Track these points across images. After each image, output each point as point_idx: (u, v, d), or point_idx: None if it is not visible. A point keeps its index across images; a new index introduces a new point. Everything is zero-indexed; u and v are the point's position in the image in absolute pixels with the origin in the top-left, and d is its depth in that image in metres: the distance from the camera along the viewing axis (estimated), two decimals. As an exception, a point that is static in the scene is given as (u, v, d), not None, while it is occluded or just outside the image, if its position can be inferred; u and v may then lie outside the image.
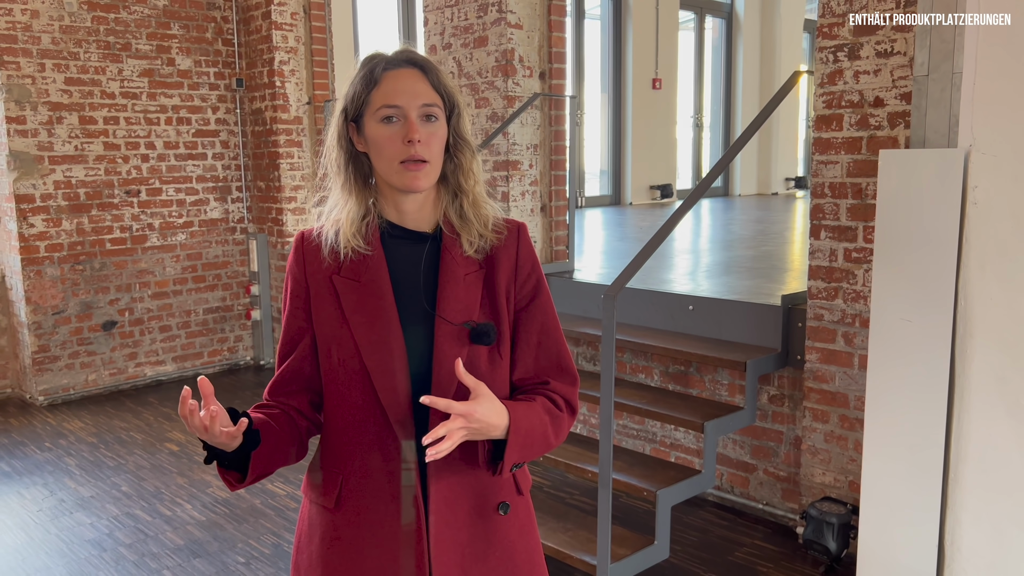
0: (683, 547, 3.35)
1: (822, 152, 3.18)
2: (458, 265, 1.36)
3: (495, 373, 1.36)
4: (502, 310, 1.37)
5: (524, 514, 1.44)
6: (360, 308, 1.33)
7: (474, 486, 1.36)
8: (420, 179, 1.30)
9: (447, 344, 1.32)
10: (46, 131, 5.32)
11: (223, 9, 6.04)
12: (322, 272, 1.36)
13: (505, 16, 4.25)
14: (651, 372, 3.96)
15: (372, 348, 1.31)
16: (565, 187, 4.61)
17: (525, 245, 1.41)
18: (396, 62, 1.32)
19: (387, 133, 1.29)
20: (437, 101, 1.31)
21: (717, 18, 11.20)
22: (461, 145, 1.36)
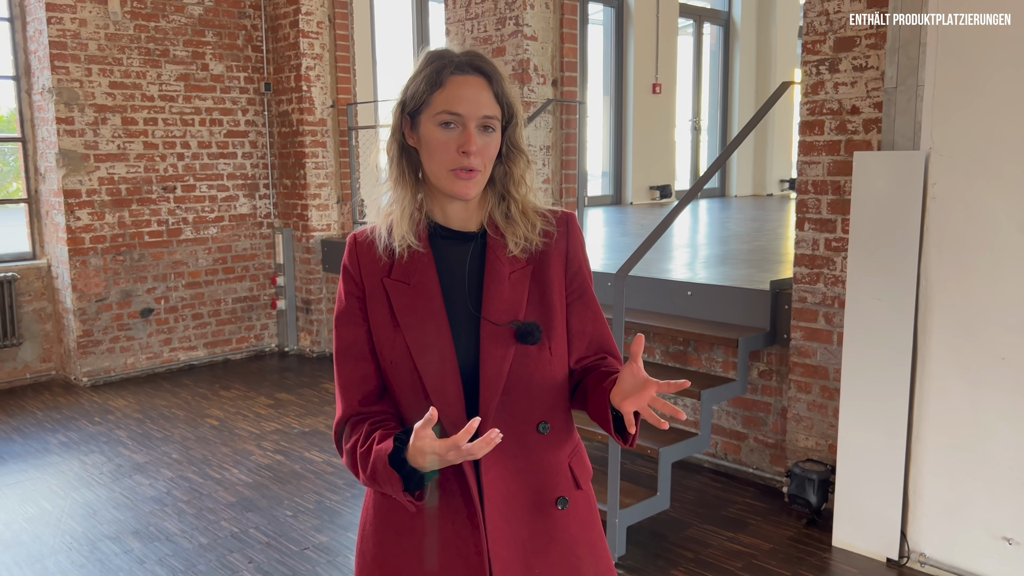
0: (682, 504, 3.78)
1: (806, 154, 3.61)
2: (503, 264, 1.36)
3: (546, 368, 1.37)
4: (554, 304, 1.38)
5: (584, 507, 1.44)
6: (410, 311, 1.35)
7: (530, 481, 1.37)
8: (470, 188, 1.31)
9: (492, 345, 1.33)
10: (92, 131, 5.74)
11: (253, 18, 6.46)
12: (375, 275, 1.38)
13: (522, 29, 4.67)
14: (653, 352, 4.38)
15: (422, 351, 1.33)
16: (574, 186, 5.04)
17: (575, 237, 1.42)
18: (464, 67, 1.31)
19: (443, 138, 1.29)
20: (497, 113, 1.32)
21: (715, 25, 11.63)
22: (514, 155, 1.37)
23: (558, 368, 1.39)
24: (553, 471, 1.39)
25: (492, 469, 1.34)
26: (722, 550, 3.34)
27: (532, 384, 1.36)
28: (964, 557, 3.06)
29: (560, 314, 1.39)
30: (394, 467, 1.25)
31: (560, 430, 1.41)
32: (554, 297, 1.38)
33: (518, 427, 1.35)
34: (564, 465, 1.41)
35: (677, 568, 3.20)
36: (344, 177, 6.61)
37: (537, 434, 1.37)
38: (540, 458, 1.38)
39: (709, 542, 3.41)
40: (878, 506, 3.24)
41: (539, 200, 1.42)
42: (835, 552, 3.32)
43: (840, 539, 3.35)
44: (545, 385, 1.37)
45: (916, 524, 3.18)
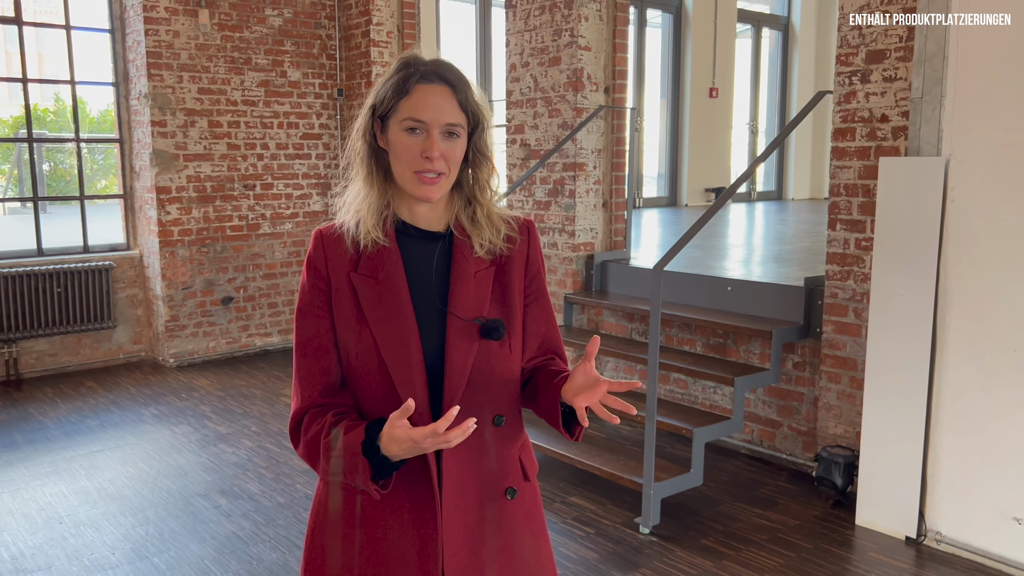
0: (717, 484, 4.06)
1: (838, 159, 3.85)
2: (469, 263, 1.42)
3: (505, 364, 1.44)
4: (514, 304, 1.45)
5: (530, 499, 1.51)
6: (377, 304, 1.38)
7: (483, 472, 1.43)
8: (433, 191, 1.36)
9: (458, 339, 1.38)
10: (182, 133, 6.27)
11: (328, 28, 6.93)
12: (341, 269, 1.41)
13: (576, 40, 4.99)
14: (694, 343, 4.66)
15: (389, 343, 1.37)
16: (624, 187, 5.34)
17: (535, 244, 1.51)
18: (429, 76, 1.35)
19: (407, 142, 1.34)
20: (461, 120, 1.36)
21: (774, 30, 11.75)
22: (480, 160, 1.43)
23: (515, 364, 1.46)
24: (505, 463, 1.45)
25: (451, 458, 1.39)
26: (750, 525, 3.62)
27: (492, 378, 1.41)
28: (977, 536, 3.27)
29: (519, 314, 1.46)
30: (366, 455, 1.30)
31: (513, 424, 1.47)
32: (515, 298, 1.45)
33: (476, 418, 1.36)
34: (515, 457, 1.48)
35: (707, 538, 3.49)
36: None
37: (493, 427, 1.43)
38: (494, 450, 1.43)
39: (739, 517, 3.69)
40: (898, 488, 3.47)
41: (501, 207, 1.49)
42: (858, 530, 3.56)
43: (863, 518, 3.59)
44: (503, 380, 1.43)
45: (933, 505, 3.40)
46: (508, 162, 5.61)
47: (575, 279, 5.24)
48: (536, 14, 5.20)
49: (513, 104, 5.48)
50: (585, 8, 4.99)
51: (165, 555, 3.36)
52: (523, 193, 5.46)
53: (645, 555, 3.35)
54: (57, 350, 6.16)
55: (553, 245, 5.30)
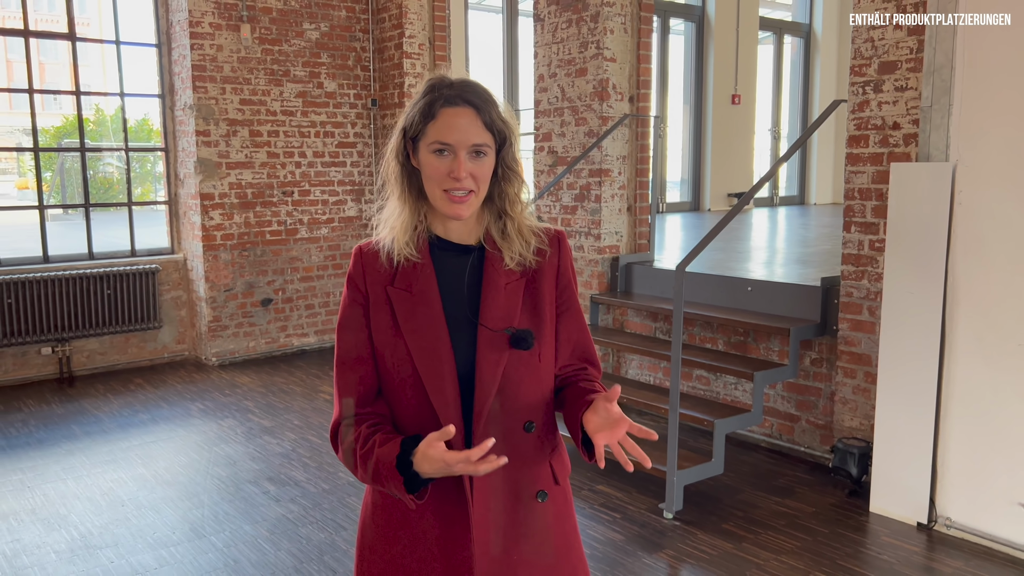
0: (738, 475, 4.26)
1: (853, 164, 4.05)
2: (499, 275, 1.47)
3: (535, 372, 1.48)
4: (544, 315, 1.50)
5: (561, 502, 1.55)
6: (411, 317, 1.45)
7: (513, 475, 1.47)
8: (462, 209, 1.42)
9: (488, 349, 1.43)
10: (224, 142, 6.57)
11: (362, 41, 7.22)
12: (378, 283, 1.48)
13: (602, 52, 5.23)
14: (716, 341, 4.87)
15: (422, 354, 1.43)
16: (648, 192, 5.56)
17: (565, 255, 1.55)
18: (454, 99, 1.40)
19: (436, 164, 1.40)
20: (487, 140, 1.41)
21: (796, 37, 11.90)
22: (509, 175, 1.47)
23: (546, 373, 1.51)
24: (535, 466, 1.50)
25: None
26: (769, 511, 3.81)
27: (522, 387, 1.46)
28: (985, 521, 3.45)
29: (550, 324, 1.51)
30: (399, 469, 1.36)
31: (544, 429, 1.52)
32: (545, 308, 1.50)
33: (507, 426, 1.46)
34: (545, 462, 1.52)
35: (727, 523, 3.69)
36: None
37: (523, 432, 1.48)
38: (524, 454, 1.48)
39: (758, 505, 3.89)
40: (910, 476, 3.66)
41: (532, 219, 1.53)
42: (872, 517, 3.74)
43: (876, 505, 3.78)
44: (533, 388, 1.48)
45: (943, 492, 3.59)
46: (536, 168, 5.85)
47: (601, 280, 5.46)
48: (563, 27, 5.44)
49: (541, 113, 5.72)
50: (610, 21, 5.22)
51: (221, 535, 3.62)
52: (551, 198, 5.70)
53: (668, 538, 3.56)
54: (107, 349, 6.48)
55: (579, 248, 5.53)
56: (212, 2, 6.38)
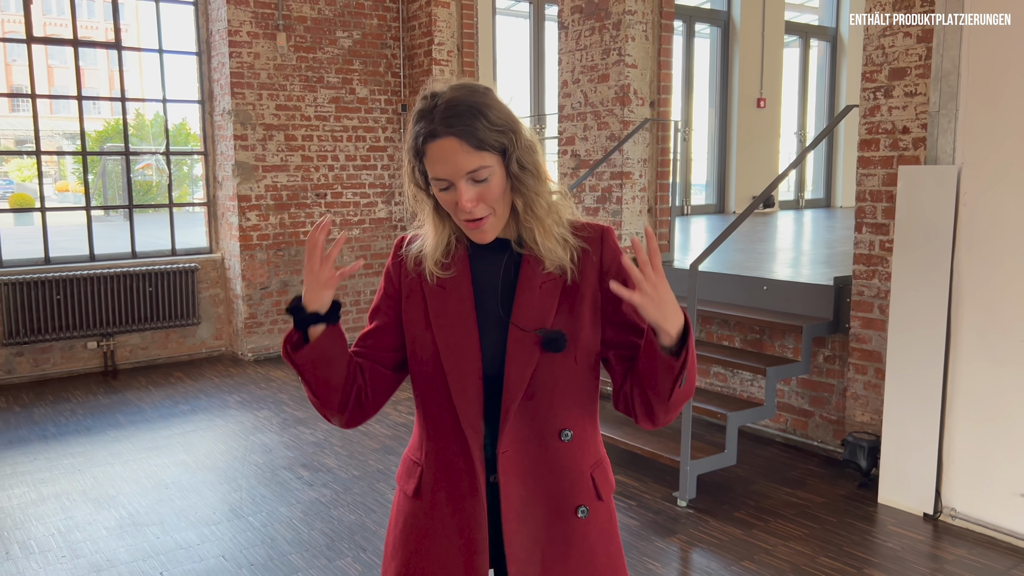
0: (751, 467, 4.40)
1: (864, 167, 4.19)
2: (536, 274, 1.41)
3: (571, 377, 1.41)
4: (583, 316, 1.41)
5: (605, 519, 1.47)
6: (443, 312, 1.42)
7: (550, 487, 1.40)
8: (485, 234, 1.37)
9: (518, 350, 1.38)
10: (261, 146, 6.85)
11: (393, 48, 7.46)
12: (415, 278, 1.46)
13: (624, 59, 5.41)
14: (733, 339, 5.02)
15: (449, 351, 1.39)
16: (668, 194, 5.72)
17: (610, 251, 1.44)
18: (435, 133, 1.31)
19: (445, 199, 1.35)
20: (483, 161, 1.31)
21: (822, 41, 11.97)
22: (518, 187, 1.37)
23: (584, 378, 1.43)
24: (574, 479, 1.42)
25: (510, 471, 1.38)
26: (780, 501, 3.96)
27: (556, 391, 1.39)
28: (988, 512, 3.57)
29: (590, 326, 1.42)
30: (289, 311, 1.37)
31: (583, 439, 1.44)
32: (584, 309, 1.41)
33: (540, 432, 1.40)
34: (586, 475, 1.44)
35: (739, 511, 3.85)
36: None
37: (559, 441, 1.41)
38: (561, 465, 1.41)
39: (770, 495, 4.04)
40: (917, 468, 3.78)
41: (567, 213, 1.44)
42: (880, 507, 3.88)
43: (884, 497, 3.91)
44: (569, 393, 1.41)
45: (949, 484, 3.71)
46: (560, 171, 6.05)
47: (622, 280, 5.62)
48: (587, 35, 5.63)
49: (565, 118, 5.90)
50: (632, 29, 5.40)
51: (258, 515, 3.85)
52: (573, 200, 5.87)
53: (681, 524, 3.73)
54: (148, 344, 6.77)
55: (601, 248, 5.70)
56: (250, 12, 6.66)
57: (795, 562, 3.35)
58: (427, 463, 1.45)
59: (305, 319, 1.37)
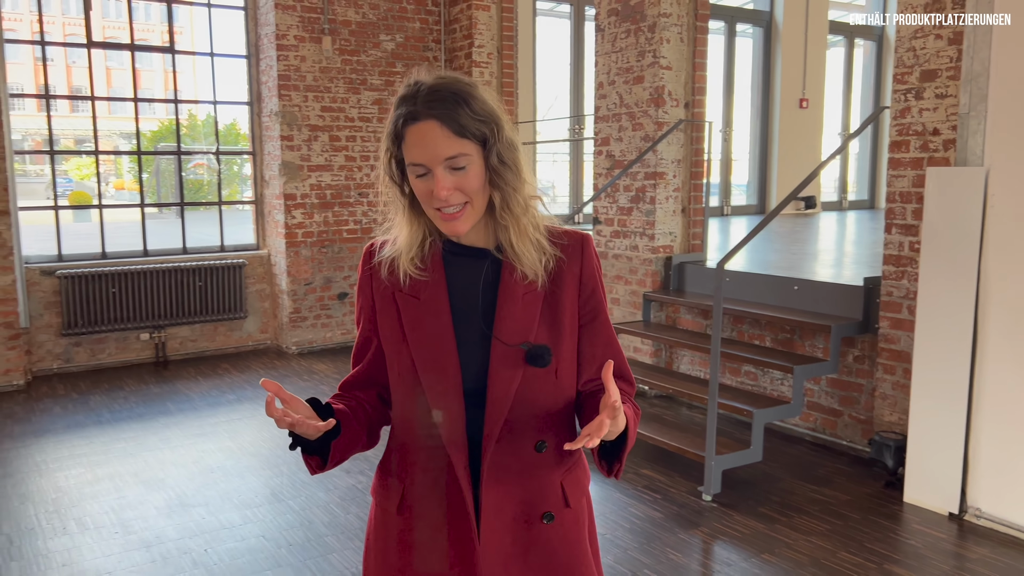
0: (778, 464, 4.46)
1: (894, 168, 4.21)
2: (517, 285, 1.37)
3: (552, 390, 1.39)
4: (564, 327, 1.39)
5: (572, 525, 1.45)
6: (418, 326, 1.37)
7: (520, 495, 1.40)
8: (458, 225, 1.32)
9: (502, 365, 1.34)
10: (306, 146, 7.07)
11: (434, 51, 7.63)
12: (387, 287, 1.41)
13: (658, 60, 5.49)
14: (763, 338, 5.07)
15: (427, 367, 1.35)
16: (702, 194, 5.78)
17: (588, 261, 1.42)
18: (416, 115, 1.28)
19: (420, 187, 1.30)
20: (462, 149, 1.28)
21: (868, 41, 11.84)
22: (496, 180, 1.33)
23: (563, 391, 1.41)
24: (544, 487, 1.41)
25: (490, 481, 1.37)
26: (805, 498, 4.02)
27: (537, 405, 1.38)
28: (1013, 511, 3.59)
29: (570, 338, 1.40)
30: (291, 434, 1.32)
31: (557, 448, 1.42)
32: (565, 320, 1.39)
33: (517, 444, 1.38)
34: (556, 483, 1.43)
35: (763, 506, 3.92)
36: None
37: (534, 452, 1.39)
38: (533, 474, 1.40)
39: (795, 492, 4.09)
40: (942, 468, 3.81)
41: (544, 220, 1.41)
42: (905, 507, 3.91)
43: (910, 496, 3.94)
44: (549, 407, 1.39)
45: (974, 484, 3.73)
46: (595, 171, 6.15)
47: (654, 279, 5.71)
48: (622, 37, 5.72)
49: (600, 119, 6.00)
50: (667, 31, 5.47)
51: (298, 499, 4.04)
52: (608, 199, 5.98)
53: (705, 517, 3.81)
54: (197, 336, 7.04)
55: (634, 248, 5.79)
56: (297, 16, 6.88)
57: (815, 556, 3.41)
58: (409, 479, 1.42)
59: (310, 446, 1.34)
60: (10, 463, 4.54)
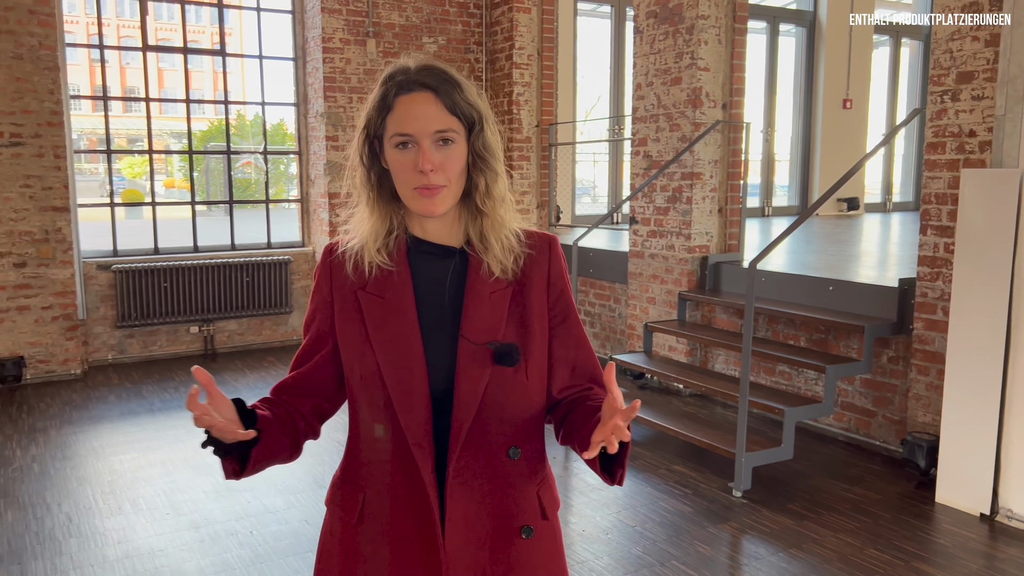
0: (810, 463, 4.50)
1: (930, 170, 4.23)
2: (484, 283, 1.34)
3: (522, 392, 1.35)
4: (533, 327, 1.36)
5: (550, 539, 1.41)
6: (383, 326, 1.32)
7: (495, 506, 1.35)
8: (435, 205, 1.28)
9: (469, 364, 1.30)
10: (351, 146, 7.24)
11: (476, 53, 7.77)
12: (348, 286, 1.36)
13: (696, 62, 5.54)
14: (798, 338, 5.10)
15: (392, 367, 1.30)
16: (739, 194, 5.82)
17: (556, 261, 1.40)
18: (409, 85, 1.27)
19: (401, 159, 1.27)
20: (452, 125, 1.27)
21: (915, 40, 11.69)
22: (480, 164, 1.32)
23: (534, 393, 1.37)
24: (520, 498, 1.37)
25: (457, 490, 1.32)
26: (835, 496, 4.06)
27: (506, 407, 1.33)
28: (1045, 514, 3.60)
29: (539, 338, 1.37)
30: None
31: (531, 457, 1.39)
32: (534, 320, 1.36)
33: (488, 450, 1.33)
34: (532, 494, 1.39)
35: (793, 503, 3.97)
36: (543, 186, 7.75)
37: (507, 459, 1.35)
38: (508, 483, 1.36)
39: (826, 490, 4.13)
40: (974, 469, 3.82)
41: (515, 219, 1.39)
42: (937, 507, 3.92)
43: (942, 496, 3.96)
44: (519, 409, 1.35)
45: (1006, 485, 3.74)
46: (632, 171, 6.22)
47: (690, 278, 5.77)
48: (661, 39, 5.79)
49: (638, 119, 6.07)
50: (705, 33, 5.53)
51: (338, 487, 4.19)
52: (644, 199, 6.05)
53: (734, 512, 3.87)
54: (244, 330, 7.27)
55: (670, 247, 5.85)
56: (343, 19, 7.07)
57: (842, 552, 3.46)
58: (370, 486, 1.37)
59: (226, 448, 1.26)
60: (69, 447, 4.78)
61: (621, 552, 3.50)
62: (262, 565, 3.37)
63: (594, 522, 3.78)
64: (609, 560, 3.42)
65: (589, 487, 4.16)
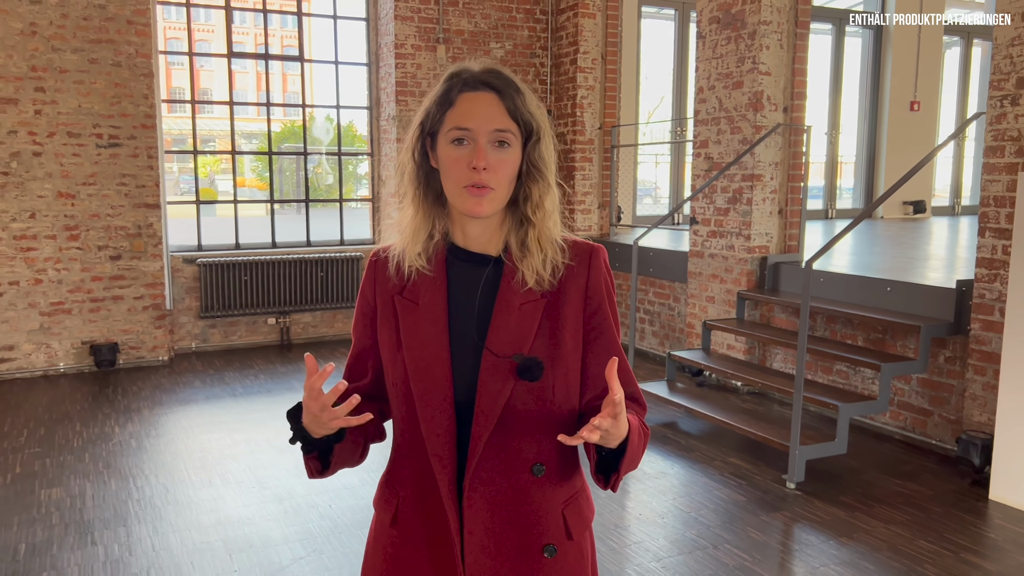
0: (865, 459, 4.60)
1: (989, 173, 4.29)
2: (515, 294, 1.32)
3: (548, 407, 1.31)
4: (564, 341, 1.32)
5: (575, 560, 1.38)
6: (414, 332, 1.32)
7: (517, 523, 1.32)
8: (483, 205, 1.27)
9: (491, 377, 1.29)
10: (420, 148, 7.55)
11: (541, 57, 8.00)
12: (389, 290, 1.37)
13: (757, 67, 5.67)
14: (856, 338, 5.19)
15: (419, 375, 1.30)
16: (799, 196, 5.92)
17: (596, 273, 1.36)
18: (474, 84, 1.29)
19: (455, 155, 1.26)
20: (511, 127, 1.27)
21: (987, 41, 11.49)
22: (534, 174, 1.31)
23: (562, 409, 1.33)
24: (543, 516, 1.34)
25: (476, 503, 1.31)
26: (888, 491, 4.16)
27: (530, 422, 1.31)
28: (1098, 512, 3.65)
29: (571, 353, 1.34)
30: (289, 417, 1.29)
31: (557, 474, 1.35)
32: (566, 334, 1.33)
33: (510, 465, 1.31)
34: (557, 512, 1.36)
35: (845, 496, 4.09)
36: (605, 187, 7.94)
37: (530, 475, 1.32)
38: (531, 500, 1.33)
39: (879, 484, 4.24)
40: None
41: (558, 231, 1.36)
42: (990, 504, 4.00)
43: (996, 493, 4.03)
44: (544, 425, 1.32)
45: (1060, 483, 3.80)
46: (693, 173, 6.37)
47: (749, 278, 5.89)
48: (723, 43, 5.92)
49: (700, 122, 6.22)
50: (766, 38, 5.65)
51: (409, 468, 4.47)
52: (705, 200, 6.19)
53: (787, 503, 4.01)
54: (318, 323, 7.65)
55: (730, 247, 5.98)
56: (414, 26, 7.38)
57: (892, 542, 3.58)
58: (404, 491, 1.37)
59: (312, 442, 1.30)
60: (161, 426, 5.18)
61: (676, 535, 3.68)
62: (341, 535, 3.66)
63: (650, 507, 3.97)
64: (664, 542, 3.61)
65: (645, 475, 4.35)
